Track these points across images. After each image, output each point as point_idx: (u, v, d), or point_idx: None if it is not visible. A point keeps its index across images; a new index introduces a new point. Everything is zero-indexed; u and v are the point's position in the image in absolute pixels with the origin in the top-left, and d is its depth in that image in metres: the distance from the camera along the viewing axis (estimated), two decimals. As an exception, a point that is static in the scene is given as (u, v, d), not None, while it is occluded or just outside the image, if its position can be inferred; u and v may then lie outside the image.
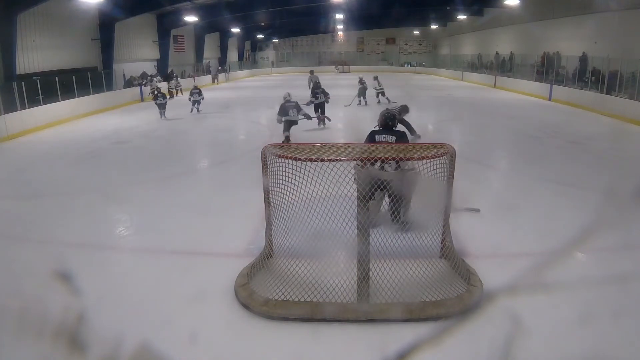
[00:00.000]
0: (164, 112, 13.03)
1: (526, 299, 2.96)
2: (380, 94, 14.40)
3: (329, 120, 10.54)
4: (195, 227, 4.74)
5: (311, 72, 15.78)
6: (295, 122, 8.77)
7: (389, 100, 14.11)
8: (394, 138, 4.25)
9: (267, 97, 19.22)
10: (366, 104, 14.15)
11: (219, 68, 28.51)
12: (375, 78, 14.67)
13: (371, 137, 4.31)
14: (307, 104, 10.53)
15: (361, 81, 14.37)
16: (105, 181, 6.75)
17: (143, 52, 20.75)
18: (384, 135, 4.28)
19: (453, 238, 3.71)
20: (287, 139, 8.51)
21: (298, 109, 8.71)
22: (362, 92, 14.25)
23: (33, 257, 4.02)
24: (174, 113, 13.59)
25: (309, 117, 9.17)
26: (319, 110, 10.71)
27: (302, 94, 12.60)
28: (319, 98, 10.76)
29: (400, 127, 4.32)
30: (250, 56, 37.73)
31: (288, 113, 8.56)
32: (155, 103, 13.13)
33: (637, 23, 13.29)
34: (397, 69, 37.03)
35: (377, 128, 4.43)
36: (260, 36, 35.81)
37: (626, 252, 3.90)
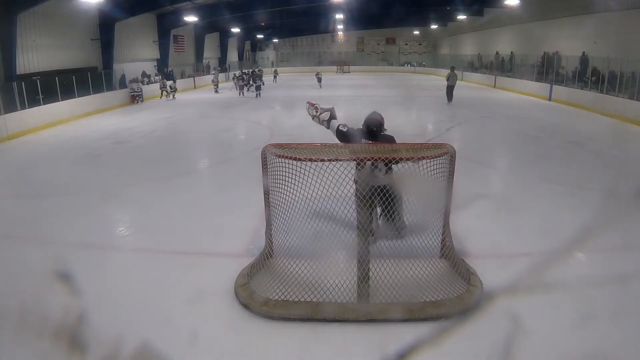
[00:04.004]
0: (260, 93, 18.65)
1: (526, 299, 2.96)
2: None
3: (260, 96, 18.57)
4: (195, 227, 4.74)
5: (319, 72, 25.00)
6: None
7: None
8: None
9: (266, 96, 19.22)
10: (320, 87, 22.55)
11: (218, 69, 28.45)
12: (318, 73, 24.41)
13: (354, 136, 3.87)
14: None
15: (318, 74, 24.13)
16: (105, 181, 6.74)
17: (143, 52, 20.73)
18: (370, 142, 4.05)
19: (453, 238, 3.70)
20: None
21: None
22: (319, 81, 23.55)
23: (33, 257, 4.01)
24: (179, 112, 13.53)
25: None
26: (258, 89, 18.87)
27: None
28: (257, 82, 19.07)
29: (389, 132, 4.01)
30: (250, 56, 37.71)
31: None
32: (255, 85, 18.84)
33: (637, 23, 13.29)
34: (397, 69, 37.06)
35: (363, 129, 4.08)
36: (260, 36, 35.79)
37: (626, 252, 3.90)
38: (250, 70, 23.26)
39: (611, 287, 3.39)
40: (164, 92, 18.80)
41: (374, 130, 3.79)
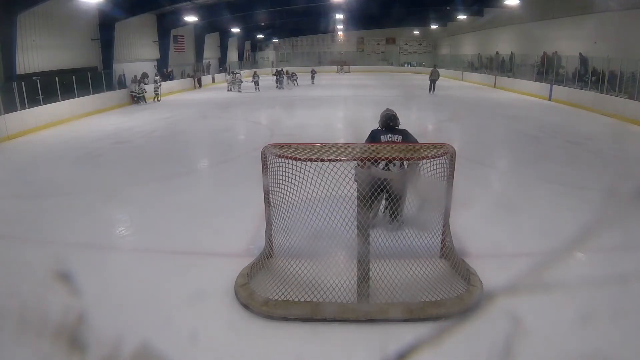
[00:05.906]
0: (258, 87, 21.57)
1: (526, 299, 2.96)
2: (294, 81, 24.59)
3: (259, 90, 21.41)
4: (195, 227, 4.74)
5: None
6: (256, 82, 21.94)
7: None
8: (399, 137, 4.21)
9: (266, 96, 19.23)
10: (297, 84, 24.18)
11: (220, 68, 28.41)
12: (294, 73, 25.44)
13: (374, 137, 4.24)
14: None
15: (293, 73, 25.14)
16: (105, 181, 6.74)
17: (143, 52, 20.72)
18: (390, 136, 4.21)
19: (453, 238, 3.70)
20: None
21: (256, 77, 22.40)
22: (293, 78, 24.73)
23: (33, 257, 4.01)
24: (175, 113, 13.51)
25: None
26: (256, 84, 21.85)
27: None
28: (255, 78, 22.25)
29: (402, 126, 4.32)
30: (250, 56, 37.70)
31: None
32: (252, 81, 21.98)
33: (637, 23, 13.29)
34: (397, 69, 37.05)
35: (379, 128, 4.35)
36: (260, 36, 35.78)
37: (626, 252, 3.90)
38: (287, 70, 25.76)
39: (611, 287, 3.39)
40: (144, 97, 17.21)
41: (390, 125, 4.28)
